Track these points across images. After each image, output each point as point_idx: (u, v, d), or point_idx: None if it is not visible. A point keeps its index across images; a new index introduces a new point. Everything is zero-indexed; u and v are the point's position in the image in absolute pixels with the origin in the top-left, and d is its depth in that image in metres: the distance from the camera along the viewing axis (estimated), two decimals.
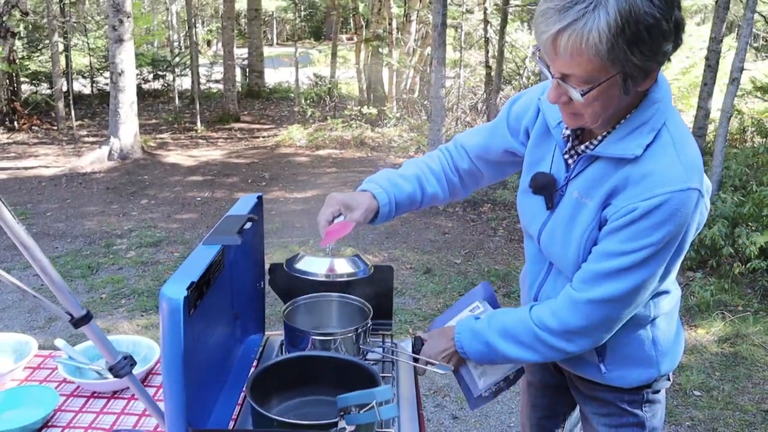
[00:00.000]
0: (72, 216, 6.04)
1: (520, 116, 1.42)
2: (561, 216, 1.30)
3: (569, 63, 1.06)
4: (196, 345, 1.12)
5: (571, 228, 1.27)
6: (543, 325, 1.29)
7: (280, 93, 14.21)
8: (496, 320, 1.38)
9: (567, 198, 1.29)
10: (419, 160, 1.56)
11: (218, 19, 20.86)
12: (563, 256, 1.30)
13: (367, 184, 1.45)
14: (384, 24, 10.51)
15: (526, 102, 1.43)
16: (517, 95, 1.48)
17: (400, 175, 1.48)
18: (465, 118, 10.21)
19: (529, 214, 1.40)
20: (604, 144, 1.21)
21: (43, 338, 3.64)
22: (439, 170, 1.53)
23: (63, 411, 1.41)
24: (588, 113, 1.14)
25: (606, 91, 1.09)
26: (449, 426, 2.97)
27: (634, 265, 1.18)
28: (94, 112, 11.80)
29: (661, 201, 1.12)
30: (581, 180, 1.25)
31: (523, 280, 1.57)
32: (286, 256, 5.24)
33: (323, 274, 1.37)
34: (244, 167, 8.13)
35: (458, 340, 1.41)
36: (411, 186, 1.47)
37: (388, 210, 1.43)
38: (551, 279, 1.40)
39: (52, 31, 10.09)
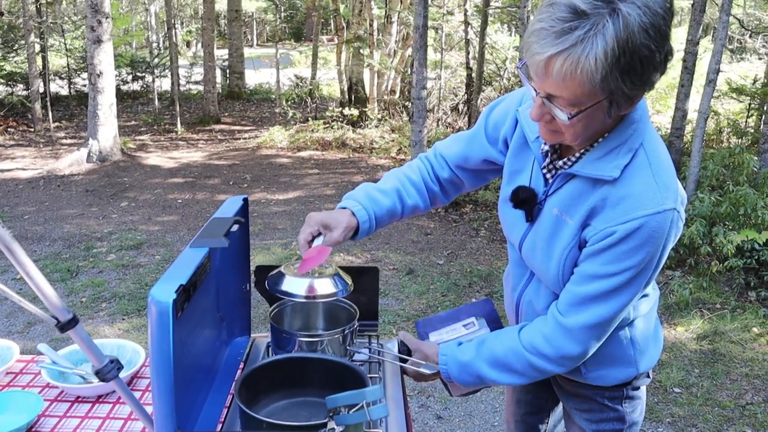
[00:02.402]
0: (50, 219, 5.96)
1: (498, 125, 1.42)
2: (541, 230, 1.31)
3: (559, 86, 1.06)
4: (183, 348, 1.11)
5: (551, 244, 1.28)
6: (537, 352, 1.30)
7: (260, 94, 14.16)
8: (485, 349, 1.36)
9: (547, 213, 1.29)
10: (399, 171, 1.54)
11: (198, 20, 20.73)
12: (544, 268, 1.32)
13: (346, 201, 1.44)
14: (365, 25, 10.52)
15: (503, 111, 1.42)
16: (495, 102, 1.47)
17: (379, 189, 1.47)
18: (446, 119, 10.25)
19: (510, 224, 1.41)
20: (582, 163, 1.21)
21: (23, 343, 3.58)
22: (419, 180, 1.52)
23: (47, 416, 1.40)
24: (569, 133, 1.14)
25: (591, 114, 1.10)
26: (434, 426, 2.99)
27: (618, 287, 1.20)
28: (71, 113, 11.66)
29: (638, 225, 1.15)
30: (560, 197, 1.26)
31: (507, 280, 1.57)
32: (268, 258, 5.20)
33: (303, 296, 1.38)
34: (225, 169, 8.08)
35: (445, 371, 1.40)
36: (390, 200, 1.46)
37: (368, 227, 1.43)
38: (533, 284, 1.41)
39: (28, 32, 9.95)
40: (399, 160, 8.51)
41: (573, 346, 1.26)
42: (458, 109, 10.32)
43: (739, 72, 10.62)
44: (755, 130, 8.76)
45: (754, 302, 4.31)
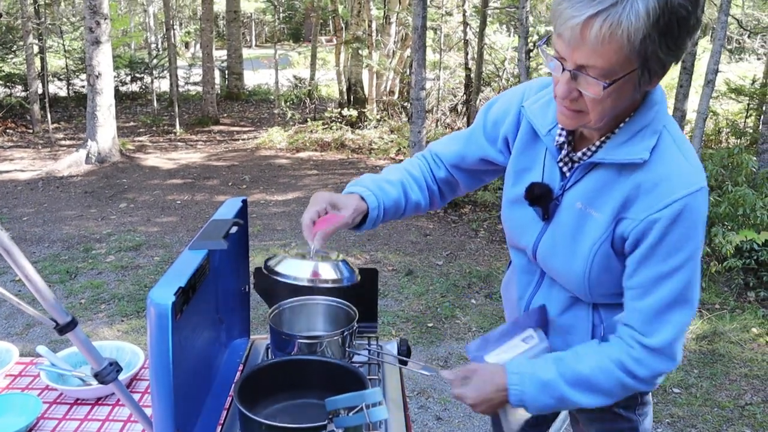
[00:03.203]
0: (49, 220, 5.96)
1: (498, 123, 1.37)
2: (562, 227, 1.24)
3: (594, 53, 1.00)
4: (182, 350, 1.11)
5: (576, 240, 1.22)
6: (628, 372, 1.18)
7: (259, 95, 14.16)
8: (567, 368, 1.21)
9: (567, 208, 1.23)
10: (401, 166, 1.47)
11: (196, 20, 20.72)
12: (566, 268, 1.25)
13: (353, 187, 1.36)
14: (363, 26, 10.52)
15: (503, 108, 1.37)
16: (492, 100, 1.42)
17: (384, 179, 1.40)
18: (445, 120, 10.26)
19: (519, 226, 1.33)
20: (605, 150, 1.16)
21: (21, 345, 3.58)
22: (420, 177, 1.45)
23: (46, 418, 1.40)
24: (596, 111, 1.08)
25: (621, 87, 1.05)
26: (433, 427, 2.98)
27: (688, 280, 1.14)
28: (70, 114, 11.65)
29: (681, 206, 1.10)
30: (582, 189, 1.20)
31: (507, 289, 1.51)
32: None
33: (306, 279, 1.25)
34: (224, 170, 8.08)
35: (519, 392, 1.21)
36: (396, 191, 1.39)
37: (376, 214, 1.34)
38: (544, 289, 1.35)
39: (27, 33, 9.94)
40: (398, 161, 8.50)
41: (666, 364, 1.19)
42: (457, 109, 10.33)
43: (738, 72, 10.63)
44: (754, 131, 8.77)
45: (753, 302, 4.31)
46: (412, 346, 3.63)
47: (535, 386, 1.21)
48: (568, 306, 1.31)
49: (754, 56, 13.42)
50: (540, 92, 1.30)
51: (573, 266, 1.23)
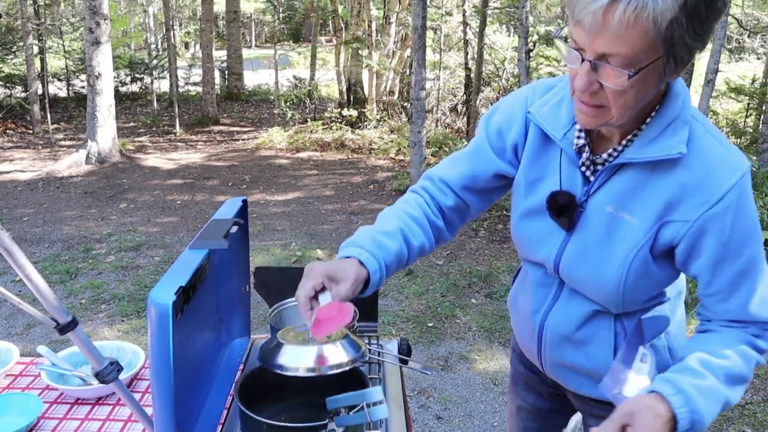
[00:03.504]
0: (49, 221, 5.96)
1: (503, 133, 1.27)
2: (591, 234, 1.16)
3: (618, 39, 0.93)
4: (183, 349, 1.11)
5: (608, 247, 1.14)
6: (762, 351, 1.14)
7: (259, 95, 14.16)
8: (718, 368, 1.09)
9: (594, 214, 1.15)
10: (397, 209, 1.31)
11: (196, 21, 20.72)
12: (596, 278, 1.17)
13: (349, 249, 1.20)
14: (363, 26, 10.52)
15: (506, 116, 1.27)
16: (491, 110, 1.32)
17: (382, 232, 1.24)
18: (445, 120, 10.26)
19: (537, 240, 1.25)
20: (635, 148, 1.09)
21: (22, 345, 3.58)
22: (421, 217, 1.30)
23: (47, 418, 1.40)
24: (618, 105, 1.01)
25: (646, 77, 0.98)
26: (434, 426, 2.98)
27: (762, 260, 1.10)
28: (70, 115, 11.66)
29: (736, 195, 1.05)
30: (610, 192, 1.13)
31: (518, 303, 1.43)
32: (268, 259, 5.18)
33: (309, 368, 1.15)
34: (224, 170, 8.08)
35: (688, 412, 1.02)
36: (397, 243, 1.24)
37: (378, 277, 1.18)
38: (562, 302, 1.28)
39: (27, 33, 9.94)
40: (398, 161, 8.51)
41: None
42: (457, 109, 10.33)
43: (738, 72, 10.63)
44: (754, 130, 8.77)
45: None
46: (413, 346, 3.63)
47: (701, 399, 1.05)
48: (589, 318, 1.25)
49: (753, 56, 13.42)
50: (546, 94, 1.23)
51: (605, 275, 1.15)
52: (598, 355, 1.27)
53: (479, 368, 3.49)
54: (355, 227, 5.81)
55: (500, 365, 3.52)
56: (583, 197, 1.17)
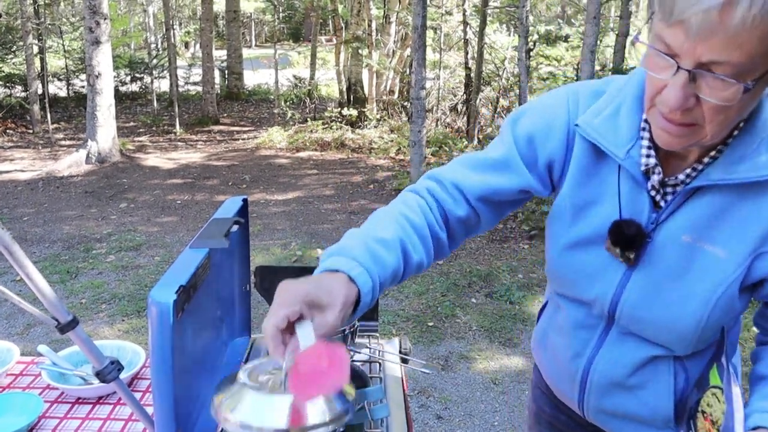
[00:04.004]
0: (49, 220, 5.96)
1: (536, 142, 1.07)
2: (661, 269, 1.00)
3: (732, 43, 0.76)
4: (183, 349, 1.11)
5: (685, 282, 0.98)
6: None
7: (259, 95, 14.16)
8: None
9: (666, 245, 0.99)
10: (396, 211, 1.04)
11: (196, 20, 20.72)
12: (668, 319, 1.01)
13: (337, 260, 0.92)
14: (363, 26, 10.52)
15: (541, 123, 1.07)
16: (517, 114, 1.11)
17: (378, 240, 0.97)
18: (445, 119, 10.26)
19: (586, 276, 1.07)
20: (721, 167, 0.92)
21: (22, 344, 3.58)
22: (423, 226, 1.04)
23: (48, 417, 1.40)
24: (716, 123, 0.84)
25: (755, 89, 0.82)
26: (434, 426, 2.99)
27: None
28: (70, 115, 11.66)
29: None
30: (685, 219, 0.97)
31: (546, 344, 1.26)
32: (268, 258, 5.18)
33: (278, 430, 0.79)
34: (224, 170, 8.08)
35: None
36: (395, 256, 0.97)
37: (370, 299, 0.92)
38: (611, 346, 1.10)
39: (26, 33, 9.94)
40: (398, 160, 8.51)
41: None
42: (457, 109, 10.33)
43: None
44: None
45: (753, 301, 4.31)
46: (413, 345, 3.64)
47: None
48: (645, 362, 1.08)
49: None
50: (595, 102, 1.04)
51: (682, 316, 0.99)
52: (654, 400, 1.10)
53: (479, 368, 3.49)
54: (354, 227, 5.81)
55: (500, 365, 3.52)
56: (650, 225, 1.00)
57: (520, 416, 3.06)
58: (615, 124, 0.99)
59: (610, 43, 9.66)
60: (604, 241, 1.02)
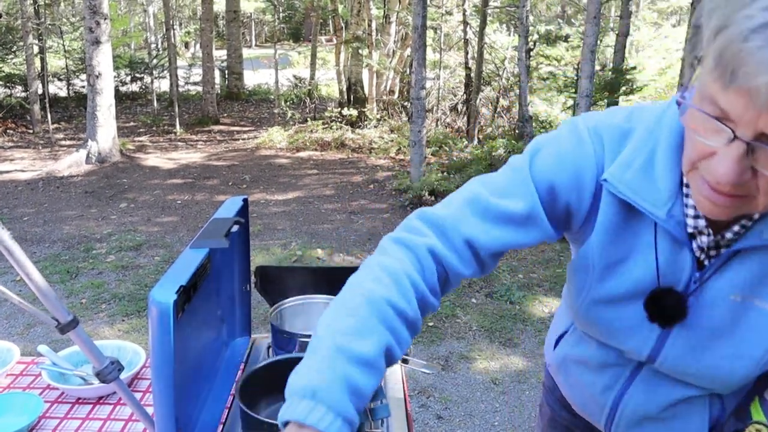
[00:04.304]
0: (50, 220, 5.96)
1: (558, 194, 0.93)
2: (707, 328, 0.92)
3: None
4: (184, 349, 1.11)
5: (737, 341, 0.91)
6: None
7: (259, 95, 14.16)
8: None
9: (714, 304, 0.91)
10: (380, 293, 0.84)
11: (196, 20, 20.72)
12: (715, 373, 0.95)
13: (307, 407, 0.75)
14: (363, 25, 10.52)
15: (566, 176, 0.92)
16: (535, 148, 0.95)
17: (359, 360, 0.78)
18: (445, 119, 10.26)
19: (620, 329, 0.99)
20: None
21: (23, 344, 3.58)
22: (414, 310, 0.86)
23: (48, 417, 1.40)
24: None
25: None
26: (434, 426, 2.98)
27: None
28: (70, 115, 11.66)
29: None
30: (734, 278, 0.88)
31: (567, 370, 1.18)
32: (268, 258, 5.17)
33: None
34: (224, 170, 8.08)
35: None
36: (377, 375, 0.80)
37: None
38: (644, 385, 1.03)
39: (27, 33, 9.94)
40: (398, 160, 8.51)
41: None
42: (457, 109, 10.33)
43: None
44: None
45: None
46: (413, 345, 3.63)
47: None
48: (679, 400, 1.02)
49: None
50: (622, 150, 0.90)
51: (730, 371, 0.93)
52: (687, 429, 1.05)
53: (480, 368, 3.48)
54: (355, 226, 5.82)
55: (500, 365, 3.52)
56: (694, 284, 0.91)
57: (520, 416, 3.06)
58: (651, 179, 0.87)
59: (611, 43, 9.66)
60: (638, 299, 0.94)
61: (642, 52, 11.98)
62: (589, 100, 5.79)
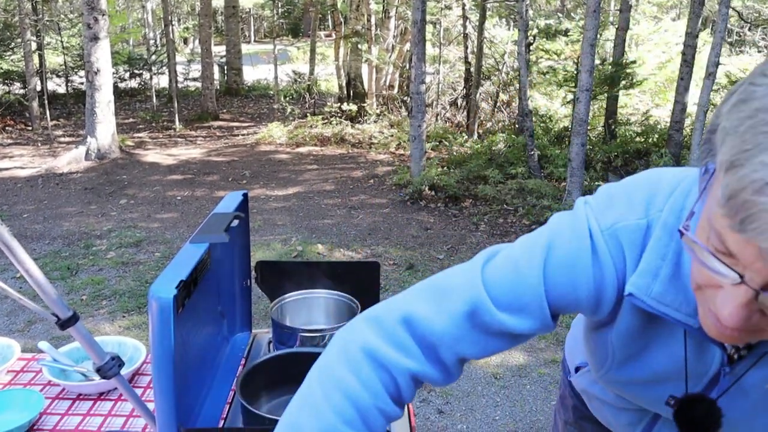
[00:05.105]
0: (49, 217, 5.95)
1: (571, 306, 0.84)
2: (739, 412, 0.86)
3: None
4: (184, 344, 1.11)
5: None
6: None
7: (258, 90, 14.14)
8: None
9: (747, 393, 0.84)
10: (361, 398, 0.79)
11: (195, 16, 20.67)
12: None
13: None
14: (363, 20, 10.49)
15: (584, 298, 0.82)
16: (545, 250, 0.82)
17: None
18: (445, 114, 10.24)
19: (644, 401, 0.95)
20: None
21: (23, 341, 3.58)
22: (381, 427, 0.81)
23: (49, 414, 1.40)
24: None
25: None
26: (435, 420, 2.99)
27: None
28: (69, 111, 11.64)
29: None
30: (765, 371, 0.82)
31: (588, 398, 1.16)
32: (269, 253, 5.17)
33: None
34: (224, 165, 8.07)
35: None
36: None
37: None
38: (668, 425, 0.98)
39: (24, 30, 9.92)
40: (398, 155, 8.50)
41: None
42: (457, 103, 10.32)
43: (739, 65, 10.60)
44: None
45: None
46: None
47: None
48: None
49: (754, 49, 13.39)
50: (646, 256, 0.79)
51: None
52: None
53: (480, 362, 3.48)
54: (355, 222, 5.81)
55: (501, 359, 3.52)
56: (724, 378, 0.83)
57: (521, 411, 3.06)
58: (680, 287, 0.77)
59: (610, 37, 9.63)
60: (663, 383, 0.87)
61: (642, 46, 11.95)
62: (589, 94, 5.78)
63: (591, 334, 0.93)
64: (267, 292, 1.63)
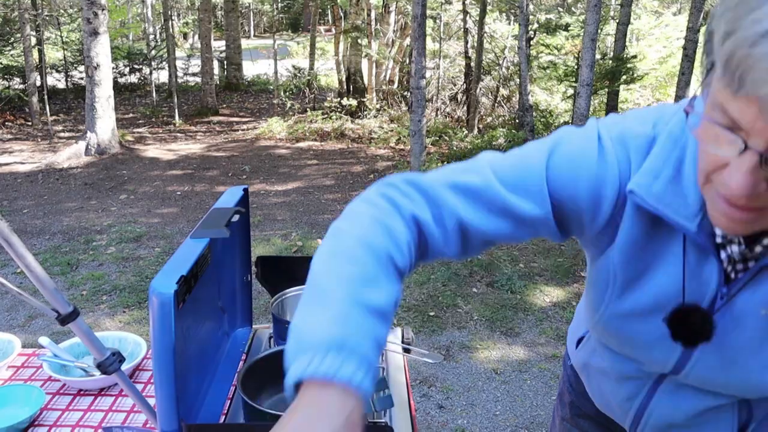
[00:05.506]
0: (49, 212, 5.95)
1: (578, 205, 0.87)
2: (735, 343, 0.88)
3: None
4: (185, 339, 1.11)
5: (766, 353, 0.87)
6: None
7: (258, 85, 14.12)
8: None
9: (743, 318, 0.86)
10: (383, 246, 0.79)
11: (194, 11, 20.63)
12: (744, 386, 0.92)
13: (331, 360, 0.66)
14: (363, 15, 10.46)
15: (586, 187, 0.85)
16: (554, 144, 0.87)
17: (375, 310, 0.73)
18: (445, 109, 10.23)
19: (642, 343, 0.95)
20: None
21: (24, 336, 3.59)
22: (406, 269, 0.82)
23: (49, 409, 1.40)
24: None
25: None
26: (436, 415, 2.99)
27: None
28: (69, 106, 11.62)
29: None
30: (763, 293, 0.83)
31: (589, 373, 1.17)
32: (269, 249, 5.17)
33: None
34: (224, 160, 8.06)
35: None
36: (388, 327, 0.75)
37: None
38: (667, 394, 1.00)
39: (24, 25, 9.89)
40: (398, 150, 8.49)
41: None
42: (457, 98, 10.30)
43: None
44: None
45: None
46: (414, 335, 3.63)
47: None
48: (707, 408, 1.00)
49: None
50: (649, 160, 0.83)
51: (761, 382, 0.90)
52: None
53: (481, 357, 3.49)
54: None
55: (502, 354, 3.52)
56: (721, 300, 0.86)
57: (521, 405, 3.06)
58: (679, 191, 0.81)
59: (611, 32, 9.62)
60: (661, 312, 0.89)
61: (642, 40, 11.93)
62: (590, 89, 5.77)
63: (593, 264, 0.96)
64: (267, 287, 1.62)
